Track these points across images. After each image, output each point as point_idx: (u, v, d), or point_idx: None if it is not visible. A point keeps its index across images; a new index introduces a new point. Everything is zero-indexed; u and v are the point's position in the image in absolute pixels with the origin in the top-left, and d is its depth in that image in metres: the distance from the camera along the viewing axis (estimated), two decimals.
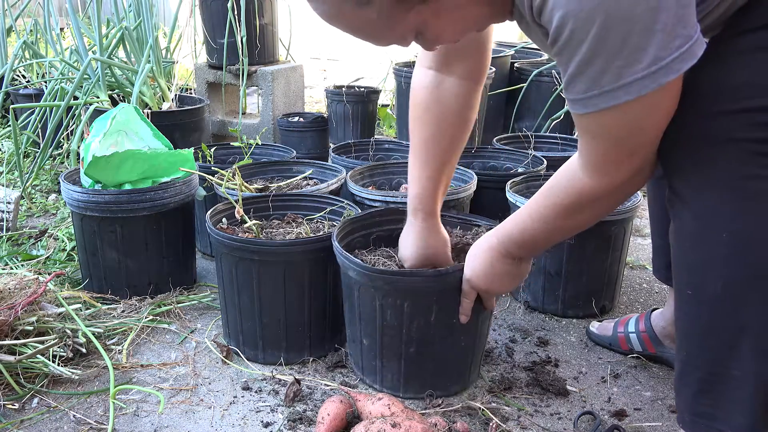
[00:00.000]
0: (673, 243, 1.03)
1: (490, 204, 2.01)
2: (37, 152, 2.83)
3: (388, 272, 1.39)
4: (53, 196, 2.77)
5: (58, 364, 1.53)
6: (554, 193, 1.13)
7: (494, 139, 2.47)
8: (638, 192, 1.87)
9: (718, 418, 1.02)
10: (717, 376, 1.01)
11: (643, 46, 0.85)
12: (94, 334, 1.62)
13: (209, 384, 1.55)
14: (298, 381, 1.50)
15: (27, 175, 2.77)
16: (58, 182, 2.44)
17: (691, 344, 1.03)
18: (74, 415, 1.42)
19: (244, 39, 2.98)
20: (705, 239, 0.96)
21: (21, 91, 3.28)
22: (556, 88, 2.88)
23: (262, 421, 1.41)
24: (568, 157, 1.24)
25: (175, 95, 2.88)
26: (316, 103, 4.51)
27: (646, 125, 0.95)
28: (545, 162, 2.16)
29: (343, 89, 3.10)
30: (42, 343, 1.52)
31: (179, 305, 1.88)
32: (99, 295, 1.87)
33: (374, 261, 1.51)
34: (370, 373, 1.51)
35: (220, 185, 1.88)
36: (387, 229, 1.65)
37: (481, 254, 1.32)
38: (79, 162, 2.07)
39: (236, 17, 2.95)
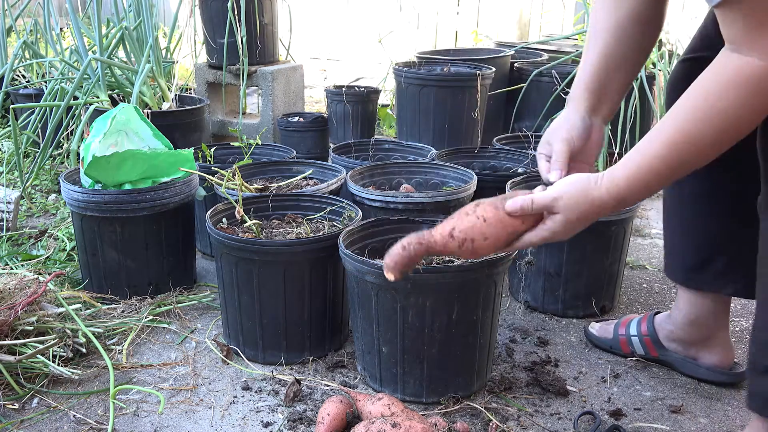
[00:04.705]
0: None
1: None
2: (37, 152, 2.83)
3: None
4: (53, 196, 2.77)
5: (58, 364, 1.53)
6: (711, 107, 0.97)
7: (494, 139, 2.47)
8: None
9: None
10: None
11: None
12: (94, 334, 1.62)
13: (209, 384, 1.55)
14: (298, 381, 1.50)
15: (27, 175, 2.77)
16: (58, 182, 2.44)
17: None
18: (74, 415, 1.42)
19: (244, 39, 2.98)
20: None
21: (21, 91, 3.28)
22: (556, 88, 2.88)
23: (262, 421, 1.41)
24: None
25: (175, 95, 2.88)
26: (316, 103, 4.51)
27: None
28: None
29: (343, 89, 3.10)
30: (42, 343, 1.52)
31: (179, 305, 1.88)
32: (99, 295, 1.87)
33: None
34: (390, 383, 1.48)
35: (220, 185, 1.88)
36: (380, 240, 1.64)
37: (591, 215, 1.12)
38: (79, 162, 2.07)
39: (236, 17, 2.95)
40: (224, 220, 1.71)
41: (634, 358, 1.64)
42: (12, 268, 1.96)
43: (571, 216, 1.12)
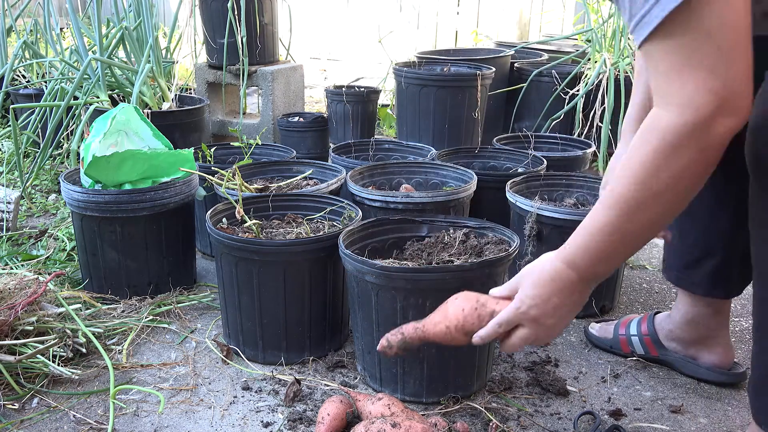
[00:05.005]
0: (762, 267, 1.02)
1: (490, 204, 2.01)
2: (37, 152, 2.83)
3: (410, 270, 1.39)
4: (53, 196, 2.77)
5: (58, 364, 1.53)
6: (630, 159, 0.93)
7: (494, 139, 2.47)
8: None
9: None
10: None
11: None
12: (94, 334, 1.62)
13: (209, 384, 1.55)
14: (298, 381, 1.50)
15: (27, 175, 2.77)
16: (58, 182, 2.44)
17: None
18: (74, 415, 1.42)
19: (244, 39, 2.98)
20: None
21: (21, 91, 3.28)
22: (556, 88, 2.88)
23: (262, 421, 1.41)
24: (568, 158, 1.22)
25: (175, 95, 2.88)
26: (316, 103, 4.51)
27: (712, 28, 0.83)
28: (545, 162, 2.16)
29: (343, 89, 3.10)
30: (42, 343, 1.52)
31: (179, 305, 1.88)
32: (99, 295, 1.87)
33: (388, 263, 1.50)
34: (390, 383, 1.48)
35: (220, 185, 1.88)
36: (380, 240, 1.64)
37: (547, 283, 1.07)
38: (79, 162, 2.07)
39: (236, 17, 2.95)
40: (224, 220, 1.71)
41: (634, 358, 1.64)
42: (12, 268, 1.96)
43: (528, 281, 1.09)
